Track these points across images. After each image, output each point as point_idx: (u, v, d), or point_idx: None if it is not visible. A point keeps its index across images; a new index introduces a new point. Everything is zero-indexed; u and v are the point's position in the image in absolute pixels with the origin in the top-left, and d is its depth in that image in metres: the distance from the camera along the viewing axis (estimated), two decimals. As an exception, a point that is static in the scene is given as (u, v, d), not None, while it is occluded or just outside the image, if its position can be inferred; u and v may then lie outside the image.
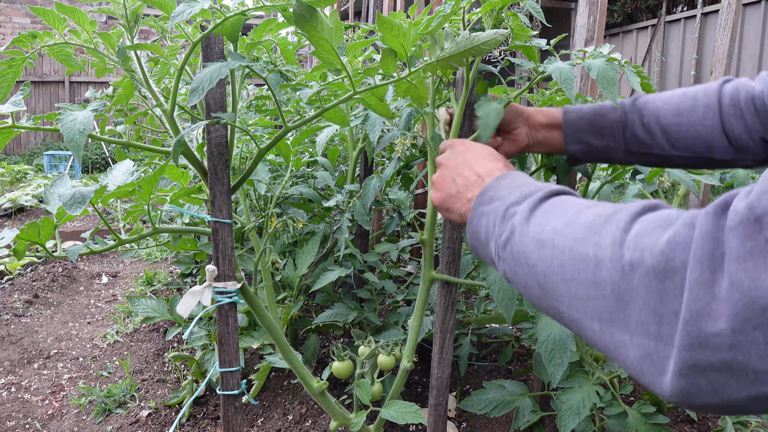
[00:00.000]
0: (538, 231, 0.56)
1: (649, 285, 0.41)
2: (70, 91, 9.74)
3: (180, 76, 0.91)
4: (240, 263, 1.45)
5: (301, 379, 1.19)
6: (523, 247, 0.57)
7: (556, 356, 1.00)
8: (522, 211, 0.60)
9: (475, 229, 0.69)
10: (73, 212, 0.84)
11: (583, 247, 0.48)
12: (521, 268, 0.57)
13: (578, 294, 0.48)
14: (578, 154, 0.97)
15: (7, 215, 5.04)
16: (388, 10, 2.56)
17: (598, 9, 1.23)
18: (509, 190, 0.66)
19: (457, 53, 0.84)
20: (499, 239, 0.62)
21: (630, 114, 0.93)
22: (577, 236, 0.50)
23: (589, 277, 0.47)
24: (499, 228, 0.63)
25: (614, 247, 0.45)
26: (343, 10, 8.53)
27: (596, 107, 0.96)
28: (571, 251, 0.49)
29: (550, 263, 0.52)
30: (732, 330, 0.36)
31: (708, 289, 0.37)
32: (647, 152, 0.92)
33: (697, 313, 0.38)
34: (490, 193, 0.69)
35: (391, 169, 1.38)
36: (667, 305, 0.40)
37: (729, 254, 0.37)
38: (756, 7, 6.71)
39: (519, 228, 0.58)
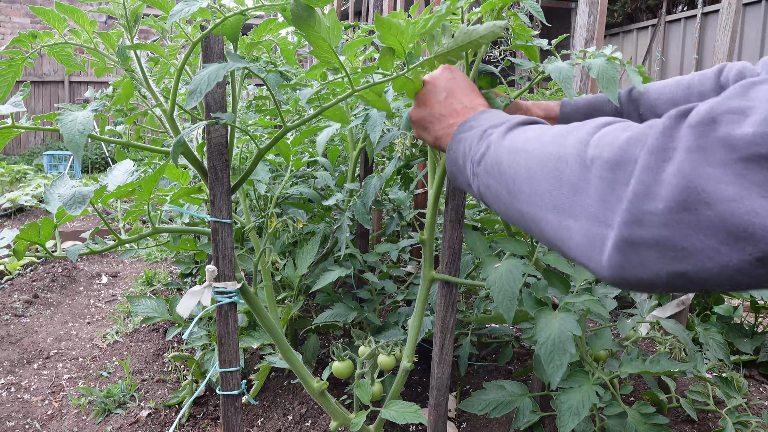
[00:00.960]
0: (511, 142, 0.60)
1: (602, 175, 0.45)
2: (69, 91, 9.74)
3: (180, 76, 0.91)
4: (240, 263, 1.45)
5: (301, 379, 1.19)
6: (497, 157, 0.61)
7: (555, 357, 0.99)
8: (499, 131, 0.64)
9: (454, 155, 0.73)
10: (73, 212, 0.84)
11: (551, 148, 0.53)
12: (493, 178, 0.61)
13: (540, 190, 0.52)
14: None
15: (6, 215, 5.04)
16: (387, 10, 2.56)
17: (599, 9, 1.23)
18: (488, 119, 0.71)
19: (456, 47, 0.84)
20: (475, 157, 0.66)
21: (626, 105, 0.93)
22: (546, 141, 0.54)
23: (550, 172, 0.51)
24: (475, 147, 0.67)
25: (578, 146, 0.49)
26: (343, 10, 8.52)
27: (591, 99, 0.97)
28: (539, 153, 0.54)
29: (518, 167, 0.56)
30: (667, 209, 0.40)
31: (654, 174, 0.41)
32: None
33: (639, 193, 0.42)
34: (471, 123, 0.73)
35: (391, 169, 1.38)
36: (614, 192, 0.44)
37: (681, 147, 0.40)
38: (756, 7, 6.71)
39: (495, 143, 0.63)
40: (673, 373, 1.24)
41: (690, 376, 1.46)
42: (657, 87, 0.92)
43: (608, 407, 1.22)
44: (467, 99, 0.80)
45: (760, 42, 6.69)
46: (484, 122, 0.70)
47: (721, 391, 1.52)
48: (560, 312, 1.05)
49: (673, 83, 0.90)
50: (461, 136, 0.72)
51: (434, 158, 1.13)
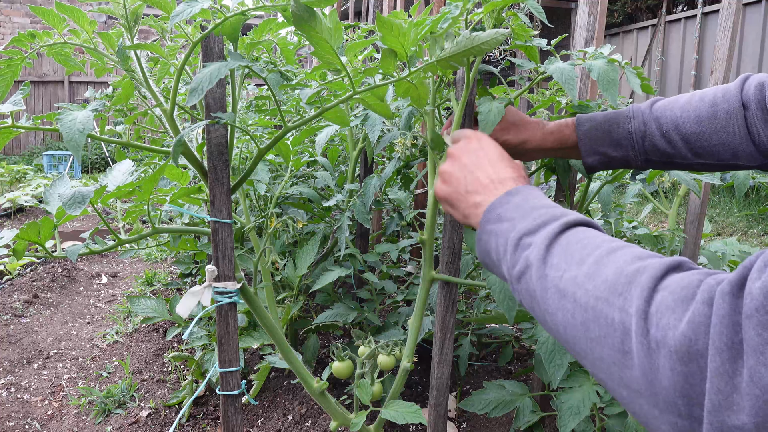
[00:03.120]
0: (556, 277, 0.54)
1: (673, 367, 0.41)
2: (69, 90, 9.74)
3: (180, 76, 0.91)
4: (240, 263, 1.45)
5: (301, 379, 1.19)
6: (541, 291, 0.56)
7: (556, 357, 0.99)
8: (537, 245, 0.58)
9: (484, 247, 0.68)
10: (72, 212, 0.84)
11: (608, 310, 0.48)
12: (539, 309, 0.57)
13: (603, 357, 0.48)
14: (596, 164, 0.94)
15: (6, 215, 5.04)
16: (388, 10, 2.56)
17: (598, 9, 1.23)
18: (521, 213, 0.64)
19: (458, 53, 0.83)
20: (512, 270, 0.61)
21: (648, 123, 0.88)
22: (600, 295, 0.49)
23: (616, 344, 0.46)
24: (511, 258, 0.61)
25: (639, 320, 0.44)
26: (343, 10, 8.52)
27: (610, 116, 0.91)
28: (595, 311, 0.49)
29: (572, 318, 0.52)
30: (755, 425, 0.36)
31: (728, 380, 0.37)
32: (669, 161, 0.89)
33: (719, 404, 0.38)
34: (499, 211, 0.67)
35: (390, 169, 1.38)
36: (693, 388, 0.40)
37: (747, 343, 0.37)
38: (756, 7, 6.71)
39: (535, 266, 0.57)
40: (673, 373, 1.24)
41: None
42: (680, 103, 0.87)
43: (608, 407, 1.22)
44: (493, 170, 0.74)
45: (760, 42, 6.69)
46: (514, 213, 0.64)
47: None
48: (560, 312, 1.05)
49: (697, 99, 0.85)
50: (490, 228, 0.66)
51: (434, 158, 1.13)
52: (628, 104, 3.01)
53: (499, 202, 0.68)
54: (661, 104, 0.89)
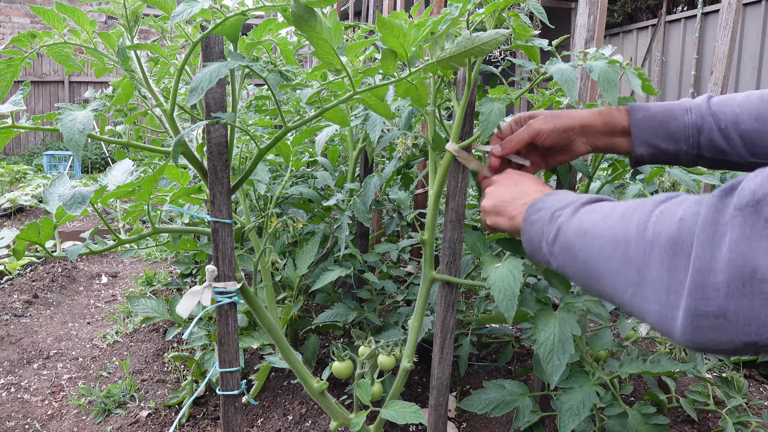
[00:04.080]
0: (579, 224, 0.65)
1: (664, 250, 0.50)
2: (69, 91, 9.73)
3: (180, 76, 0.91)
4: (240, 263, 1.45)
5: (301, 379, 1.19)
6: (569, 238, 0.66)
7: (554, 357, 0.99)
8: (566, 212, 0.69)
9: (528, 236, 0.77)
10: (72, 212, 0.84)
11: (615, 231, 0.58)
12: (569, 256, 0.66)
13: (614, 268, 0.57)
14: (645, 156, 0.92)
15: (6, 215, 5.04)
16: (388, 10, 2.56)
17: (599, 9, 1.23)
18: (555, 201, 0.74)
19: (458, 53, 0.83)
20: (549, 238, 0.70)
21: (706, 118, 0.87)
22: (611, 224, 0.59)
23: (620, 254, 0.56)
24: (547, 229, 0.71)
25: (639, 229, 0.54)
26: (343, 10, 8.52)
27: (665, 107, 0.90)
28: (608, 237, 0.59)
29: (591, 247, 0.62)
30: (727, 283, 0.44)
31: (710, 250, 0.46)
32: (722, 159, 0.88)
33: (700, 268, 0.46)
34: (539, 204, 0.77)
35: (391, 168, 1.38)
36: (680, 262, 0.48)
37: (732, 225, 0.44)
38: (756, 7, 6.71)
39: (565, 225, 0.68)
40: (673, 373, 1.24)
41: (690, 376, 1.46)
42: (738, 100, 0.87)
43: (609, 407, 1.22)
44: (532, 187, 0.84)
45: (760, 42, 6.69)
46: (552, 203, 0.74)
47: (721, 391, 1.52)
48: (560, 312, 1.05)
49: (756, 97, 0.85)
50: (532, 218, 0.76)
51: (435, 158, 1.13)
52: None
53: (539, 200, 0.78)
54: (718, 100, 0.89)
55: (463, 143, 1.04)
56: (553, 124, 0.91)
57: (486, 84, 1.18)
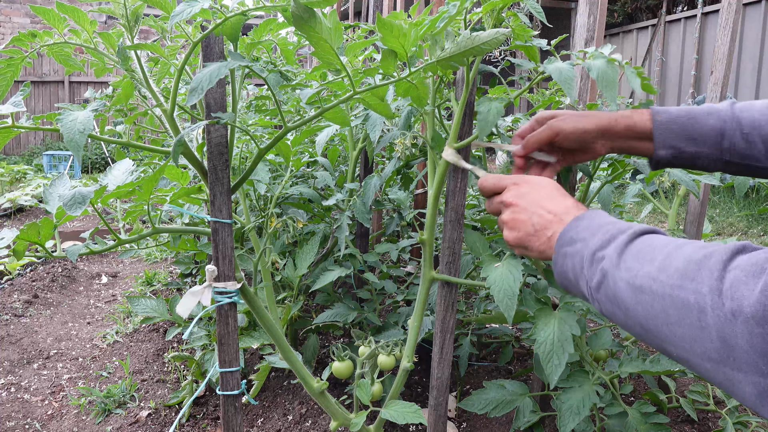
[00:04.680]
0: (631, 276, 0.60)
1: (752, 331, 0.46)
2: (69, 91, 9.74)
3: (180, 76, 0.91)
4: (240, 263, 1.45)
5: (301, 379, 1.19)
6: (619, 291, 0.61)
7: (554, 357, 0.99)
8: (610, 255, 0.64)
9: (561, 269, 0.73)
10: (72, 213, 0.84)
11: (682, 293, 0.53)
12: (620, 310, 0.62)
13: (683, 336, 0.54)
14: (666, 159, 0.91)
15: (6, 215, 5.04)
16: (388, 10, 2.56)
17: (599, 9, 1.23)
18: (590, 232, 0.70)
19: (458, 53, 0.84)
20: (591, 282, 0.66)
21: (729, 122, 0.87)
22: (674, 283, 0.55)
23: (693, 322, 0.52)
24: (588, 271, 0.67)
25: (713, 297, 0.50)
26: (343, 10, 8.52)
27: (687, 110, 0.90)
28: (671, 297, 0.55)
29: (651, 308, 0.57)
30: None
31: None
32: (745, 164, 0.87)
33: None
34: (571, 234, 0.72)
35: (390, 168, 1.38)
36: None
37: None
38: (756, 7, 6.71)
39: (611, 273, 0.63)
40: (673, 372, 1.24)
41: (690, 376, 1.46)
42: (758, 106, 0.86)
43: (608, 407, 1.22)
44: (553, 204, 0.78)
45: (760, 42, 6.69)
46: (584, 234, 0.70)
47: (721, 391, 1.52)
48: (560, 312, 1.06)
49: None
50: (565, 251, 0.72)
51: (434, 158, 1.13)
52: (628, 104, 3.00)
53: (569, 227, 0.73)
54: (740, 105, 0.88)
55: (461, 143, 1.04)
56: (573, 126, 0.91)
57: (485, 84, 1.18)
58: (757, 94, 6.74)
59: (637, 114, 0.91)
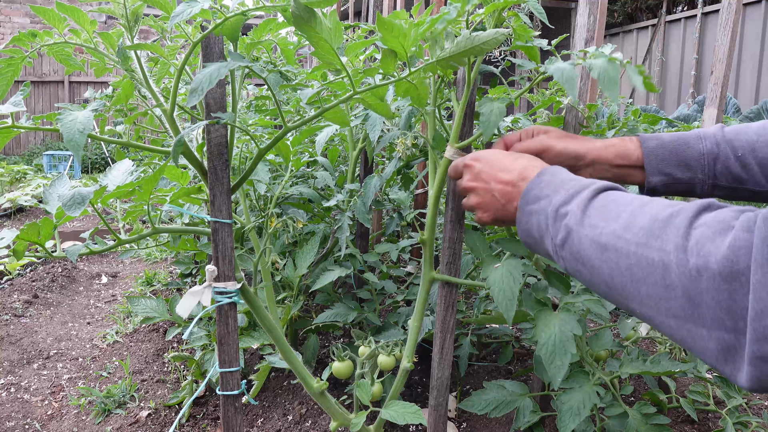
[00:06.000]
0: (596, 234, 0.60)
1: (718, 287, 0.46)
2: (69, 90, 9.73)
3: (180, 76, 0.91)
4: (240, 263, 1.45)
5: (301, 379, 1.19)
6: (584, 249, 0.61)
7: (556, 358, 0.99)
8: (574, 211, 0.64)
9: (526, 227, 0.72)
10: (72, 213, 0.84)
11: (648, 252, 0.53)
12: (585, 267, 0.62)
13: (649, 294, 0.53)
14: (659, 186, 0.89)
15: (6, 215, 5.04)
16: (388, 10, 2.56)
17: (599, 9, 1.23)
18: (553, 188, 0.69)
19: (458, 53, 0.83)
20: (556, 239, 0.66)
21: (722, 146, 0.86)
22: (639, 241, 0.55)
23: (658, 280, 0.52)
24: (553, 228, 0.66)
25: (678, 253, 0.50)
26: (343, 10, 8.52)
27: (678, 136, 0.89)
28: (636, 255, 0.54)
29: (616, 266, 0.57)
30: None
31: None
32: (740, 187, 0.86)
33: (761, 311, 0.43)
34: (534, 192, 0.71)
35: (391, 168, 1.37)
36: (738, 303, 0.45)
37: None
38: (756, 7, 6.71)
39: (575, 230, 0.63)
40: (673, 373, 1.24)
41: (690, 376, 1.46)
42: (754, 128, 0.86)
43: (609, 407, 1.22)
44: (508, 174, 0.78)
45: (760, 42, 6.69)
46: (547, 190, 0.70)
47: (721, 391, 1.52)
48: (560, 312, 1.05)
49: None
50: (528, 209, 0.71)
51: (435, 158, 1.13)
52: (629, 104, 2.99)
53: (531, 185, 0.73)
54: (733, 128, 0.88)
55: (462, 143, 1.04)
56: (564, 146, 0.90)
57: (486, 84, 1.18)
58: (757, 94, 6.74)
59: (629, 141, 0.91)
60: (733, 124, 0.98)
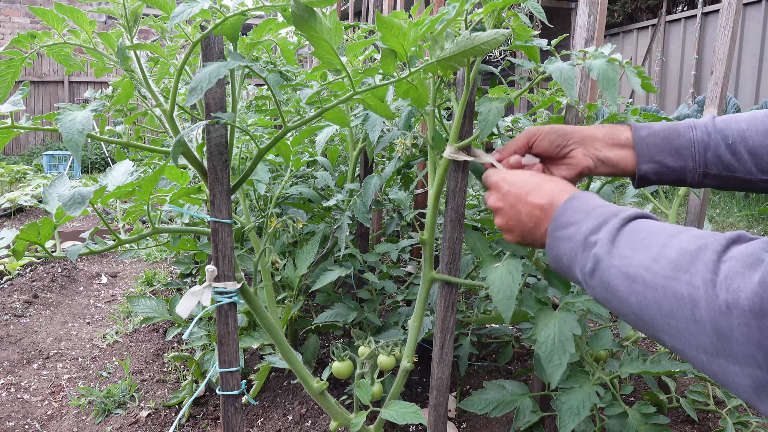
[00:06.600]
0: (624, 265, 0.60)
1: (748, 323, 0.46)
2: (69, 91, 9.73)
3: (180, 76, 0.91)
4: (240, 263, 1.45)
5: (301, 379, 1.19)
6: (612, 279, 0.61)
7: (554, 357, 0.99)
8: (602, 241, 0.64)
9: (555, 254, 0.72)
10: (72, 213, 0.84)
11: (676, 285, 0.53)
12: (613, 297, 0.62)
13: (679, 328, 0.53)
14: (650, 174, 0.89)
15: (6, 215, 5.04)
16: (388, 10, 2.56)
17: (599, 9, 1.23)
18: (583, 215, 0.69)
19: (458, 53, 0.83)
20: (584, 268, 0.66)
21: (712, 134, 0.86)
22: (668, 274, 0.54)
23: (687, 315, 0.51)
24: (582, 257, 0.66)
25: (707, 288, 0.50)
26: (343, 10, 8.52)
27: (669, 125, 0.90)
28: (665, 289, 0.54)
29: (644, 299, 0.57)
30: None
31: None
32: (730, 176, 0.86)
33: None
34: (563, 218, 0.72)
35: (391, 168, 1.38)
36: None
37: None
38: (756, 7, 6.71)
39: (604, 259, 0.63)
40: (673, 373, 1.24)
41: (690, 376, 1.46)
42: (744, 117, 0.86)
43: (609, 407, 1.22)
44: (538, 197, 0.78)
45: (760, 42, 6.69)
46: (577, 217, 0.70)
47: (721, 391, 1.52)
48: (560, 312, 1.05)
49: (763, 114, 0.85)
50: (557, 235, 0.72)
51: (434, 158, 1.13)
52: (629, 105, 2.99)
53: (560, 212, 0.73)
54: (724, 118, 0.88)
55: (462, 143, 1.04)
56: (550, 128, 0.91)
57: (486, 84, 1.18)
58: (757, 94, 6.74)
59: (618, 125, 0.92)
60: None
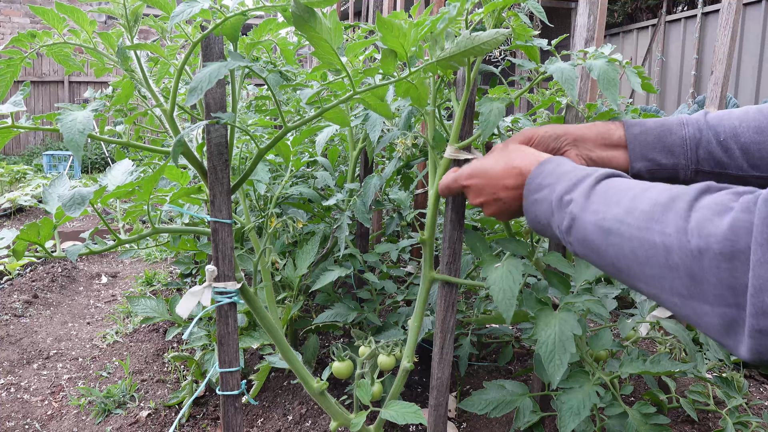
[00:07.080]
0: (599, 219, 0.63)
1: (719, 265, 0.49)
2: (69, 90, 9.74)
3: (180, 76, 0.91)
4: (240, 263, 1.45)
5: (301, 379, 1.19)
6: (588, 234, 0.64)
7: (555, 357, 0.99)
8: (577, 199, 0.67)
9: (532, 216, 0.76)
10: (72, 213, 0.84)
11: (650, 235, 0.56)
12: (592, 252, 0.65)
13: (654, 274, 0.56)
14: (643, 172, 0.90)
15: (6, 215, 5.04)
16: (388, 10, 2.56)
17: (599, 9, 1.23)
18: (555, 177, 0.72)
19: (458, 53, 0.83)
20: (561, 225, 0.69)
21: (704, 131, 0.87)
22: (641, 225, 0.57)
23: (661, 261, 0.55)
24: (558, 215, 0.70)
25: (679, 235, 0.53)
26: (343, 10, 8.52)
27: (660, 122, 0.90)
28: (639, 239, 0.57)
29: (621, 250, 0.60)
30: None
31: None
32: (722, 172, 0.87)
33: (759, 288, 0.45)
34: (538, 180, 0.75)
35: (391, 168, 1.38)
36: (738, 280, 0.47)
37: None
38: (756, 7, 6.71)
39: (579, 216, 0.66)
40: (673, 373, 1.24)
41: (690, 376, 1.46)
42: (736, 113, 0.87)
43: (609, 407, 1.22)
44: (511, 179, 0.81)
45: (760, 42, 6.69)
46: (550, 179, 0.73)
47: (721, 391, 1.52)
48: (560, 312, 1.05)
49: (755, 111, 0.85)
50: (533, 197, 0.75)
51: (435, 158, 1.13)
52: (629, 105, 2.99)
53: (534, 174, 0.76)
54: (715, 114, 0.88)
55: (462, 143, 1.04)
56: (545, 130, 0.92)
57: (486, 84, 1.18)
58: (757, 94, 6.74)
59: (612, 124, 0.92)
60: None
